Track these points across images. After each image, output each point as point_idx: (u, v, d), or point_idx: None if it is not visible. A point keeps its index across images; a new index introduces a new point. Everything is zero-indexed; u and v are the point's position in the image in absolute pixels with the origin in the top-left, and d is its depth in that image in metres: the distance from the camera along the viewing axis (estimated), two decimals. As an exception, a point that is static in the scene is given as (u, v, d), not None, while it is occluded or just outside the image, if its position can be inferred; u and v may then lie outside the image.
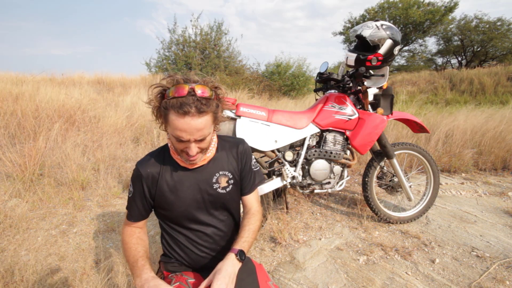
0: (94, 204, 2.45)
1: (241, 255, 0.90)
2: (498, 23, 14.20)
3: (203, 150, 0.91)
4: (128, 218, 1.03)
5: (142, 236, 1.02)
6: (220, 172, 1.01)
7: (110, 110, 4.49)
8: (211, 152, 0.99)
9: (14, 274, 1.48)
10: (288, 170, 1.98)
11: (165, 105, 0.82)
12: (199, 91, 0.81)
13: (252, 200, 1.09)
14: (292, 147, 2.06)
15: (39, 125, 3.35)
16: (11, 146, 2.89)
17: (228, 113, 1.84)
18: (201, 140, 0.86)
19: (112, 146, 3.45)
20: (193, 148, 0.86)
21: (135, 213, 1.02)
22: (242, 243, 0.94)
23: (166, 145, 1.02)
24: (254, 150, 1.95)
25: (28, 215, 2.15)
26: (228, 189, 1.03)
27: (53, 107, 3.97)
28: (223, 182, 1.02)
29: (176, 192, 0.98)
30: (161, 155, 1.00)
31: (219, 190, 1.01)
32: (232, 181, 1.04)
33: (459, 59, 16.60)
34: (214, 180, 1.01)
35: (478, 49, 15.23)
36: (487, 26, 14.35)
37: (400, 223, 2.26)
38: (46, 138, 2.99)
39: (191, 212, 1.01)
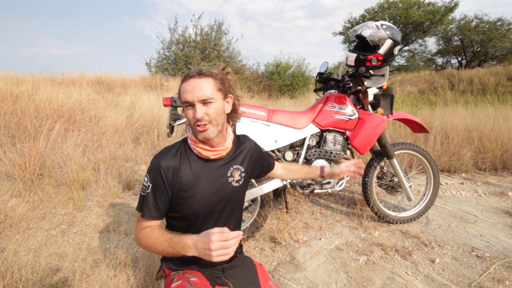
0: (94, 204, 2.45)
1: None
2: (498, 23, 14.20)
3: (212, 121, 0.93)
4: (144, 217, 0.96)
5: (163, 229, 0.96)
6: (234, 166, 1.06)
7: (110, 110, 4.49)
8: (229, 144, 1.03)
9: (14, 274, 1.47)
10: (288, 170, 1.98)
11: (180, 84, 0.96)
12: (202, 67, 0.95)
13: (278, 164, 1.31)
14: (292, 147, 2.06)
15: (39, 125, 3.35)
16: (11, 146, 2.89)
17: None
18: (206, 103, 0.91)
19: (112, 146, 3.45)
20: (199, 110, 0.90)
21: (154, 209, 0.96)
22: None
23: (185, 139, 1.03)
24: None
25: (28, 215, 2.15)
26: (240, 182, 1.07)
27: (53, 107, 3.97)
28: (236, 175, 1.06)
29: (195, 185, 0.97)
30: (179, 148, 1.00)
31: (233, 184, 1.05)
32: (243, 175, 1.08)
33: (459, 59, 16.60)
34: (229, 174, 1.04)
35: (478, 49, 15.23)
36: (487, 26, 14.35)
37: (400, 223, 2.26)
38: (46, 138, 2.99)
39: (205, 209, 1.00)
